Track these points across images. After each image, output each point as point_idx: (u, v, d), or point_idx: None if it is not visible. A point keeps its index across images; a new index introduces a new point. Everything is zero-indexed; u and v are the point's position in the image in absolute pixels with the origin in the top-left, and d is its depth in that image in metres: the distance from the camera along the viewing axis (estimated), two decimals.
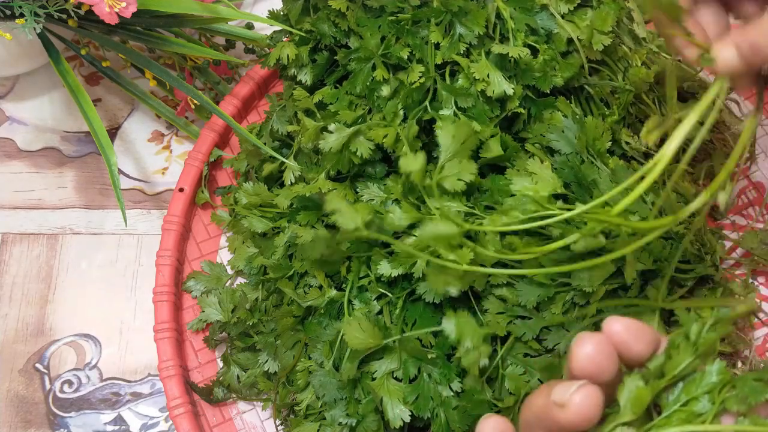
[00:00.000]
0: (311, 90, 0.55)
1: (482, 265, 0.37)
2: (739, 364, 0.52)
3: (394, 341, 0.47)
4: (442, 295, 0.46)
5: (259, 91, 0.66)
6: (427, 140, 0.50)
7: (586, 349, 0.28)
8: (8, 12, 0.54)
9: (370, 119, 0.51)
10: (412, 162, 0.38)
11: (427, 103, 0.49)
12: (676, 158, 0.35)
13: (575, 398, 0.27)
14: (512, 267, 0.46)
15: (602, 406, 0.27)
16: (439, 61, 0.50)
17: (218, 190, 0.64)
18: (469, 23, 0.49)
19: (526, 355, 0.47)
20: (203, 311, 0.57)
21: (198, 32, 0.67)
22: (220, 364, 0.58)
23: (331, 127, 0.49)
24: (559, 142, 0.48)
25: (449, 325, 0.44)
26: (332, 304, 0.50)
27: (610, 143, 0.49)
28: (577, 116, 0.49)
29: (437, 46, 0.50)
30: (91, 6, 0.52)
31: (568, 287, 0.45)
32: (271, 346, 0.53)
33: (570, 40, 0.51)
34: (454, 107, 0.49)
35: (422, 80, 0.49)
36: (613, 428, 0.28)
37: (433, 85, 0.50)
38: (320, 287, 0.51)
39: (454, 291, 0.40)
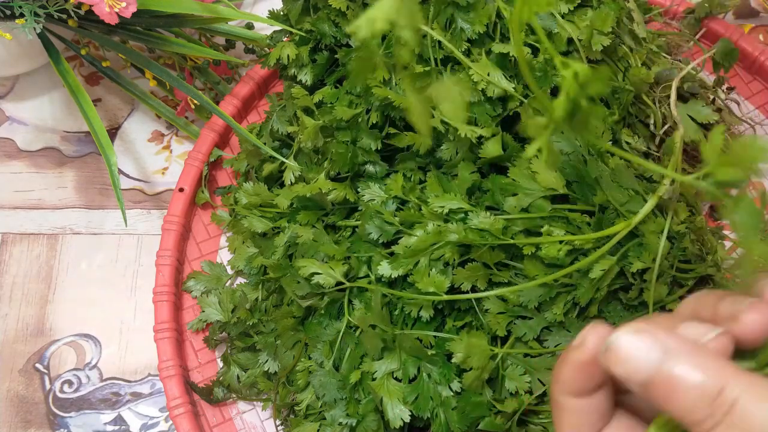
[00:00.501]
0: (311, 90, 0.55)
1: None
2: None
3: (393, 341, 0.47)
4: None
5: (259, 91, 0.66)
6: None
7: None
8: (8, 12, 0.54)
9: (368, 117, 0.51)
10: None
11: None
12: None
13: (750, 315, 0.26)
14: (513, 267, 0.47)
15: None
16: (440, 56, 0.50)
17: (218, 190, 0.64)
18: (471, 19, 0.49)
19: (526, 355, 0.47)
20: (203, 311, 0.57)
21: (198, 32, 0.67)
22: (220, 364, 0.58)
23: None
24: (560, 142, 0.48)
25: (458, 346, 0.44)
26: (332, 304, 0.50)
27: (610, 143, 0.49)
28: None
29: (440, 43, 0.50)
30: (91, 6, 0.52)
31: (569, 287, 0.45)
32: (271, 346, 0.53)
33: (570, 40, 0.51)
34: None
35: (426, 69, 0.49)
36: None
37: (436, 77, 0.50)
38: None
39: None
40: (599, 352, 0.26)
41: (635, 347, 0.25)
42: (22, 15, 0.54)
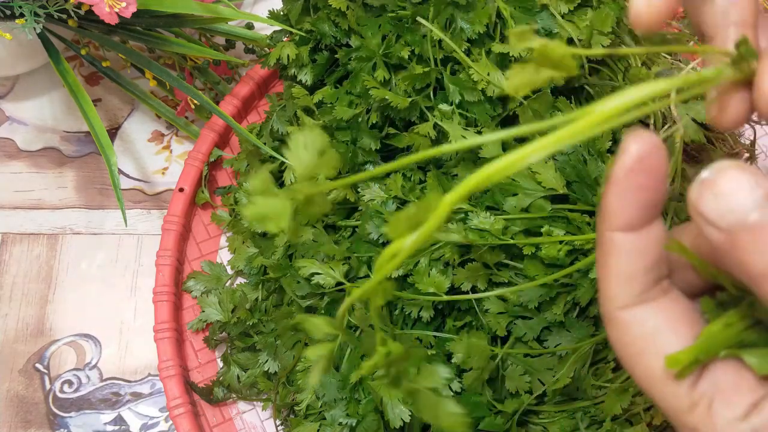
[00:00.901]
0: (311, 90, 0.55)
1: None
2: None
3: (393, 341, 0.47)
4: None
5: (259, 91, 0.65)
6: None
7: None
8: (8, 12, 0.54)
9: (368, 118, 0.51)
10: None
11: (430, 90, 0.50)
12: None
13: None
14: (513, 267, 0.47)
15: None
16: (440, 57, 0.50)
17: (218, 190, 0.64)
18: (470, 19, 0.49)
19: (526, 355, 0.47)
20: (203, 311, 0.57)
21: (198, 32, 0.67)
22: (220, 364, 0.58)
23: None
24: None
25: (458, 346, 0.44)
26: (332, 304, 0.50)
27: (610, 143, 0.49)
28: None
29: (439, 43, 0.50)
30: (91, 6, 0.52)
31: (569, 287, 0.45)
32: (271, 346, 0.53)
33: (570, 40, 0.51)
34: (455, 102, 0.49)
35: (426, 69, 0.49)
36: None
37: (436, 77, 0.50)
38: None
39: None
40: (646, 157, 0.23)
41: (738, 182, 0.21)
42: (22, 15, 0.54)
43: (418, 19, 0.49)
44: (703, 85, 0.25)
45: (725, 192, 0.22)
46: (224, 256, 0.61)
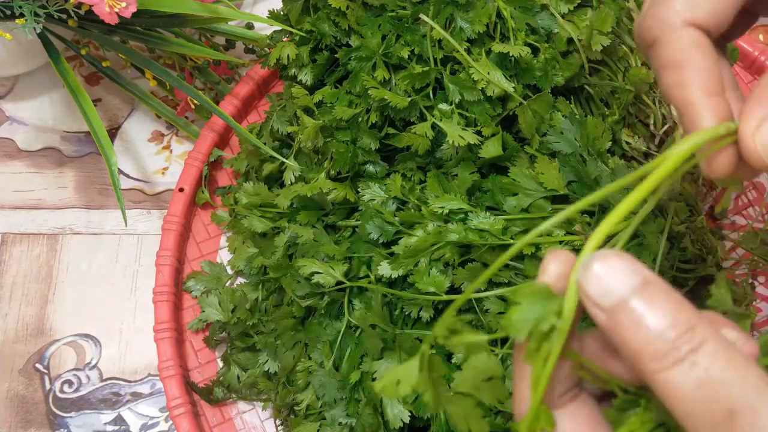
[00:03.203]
0: (311, 90, 0.55)
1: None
2: None
3: (393, 341, 0.47)
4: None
5: (259, 91, 0.65)
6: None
7: None
8: (8, 12, 0.54)
9: (368, 117, 0.51)
10: None
11: (429, 90, 0.50)
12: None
13: None
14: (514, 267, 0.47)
15: None
16: (439, 56, 0.50)
17: (218, 190, 0.64)
18: (470, 19, 0.49)
19: None
20: (203, 311, 0.57)
21: (198, 32, 0.67)
22: (220, 364, 0.58)
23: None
24: (559, 143, 0.48)
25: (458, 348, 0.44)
26: (332, 304, 0.50)
27: (610, 143, 0.49)
28: (577, 116, 0.49)
29: (439, 43, 0.50)
30: (91, 6, 0.52)
31: None
32: (271, 346, 0.53)
33: (570, 40, 0.51)
34: (454, 102, 0.49)
35: (426, 69, 0.49)
36: None
37: (436, 77, 0.50)
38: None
39: None
40: (560, 280, 0.25)
41: (618, 266, 0.24)
42: (22, 15, 0.54)
43: (420, 16, 0.49)
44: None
45: (606, 275, 0.24)
46: (224, 256, 0.61)
